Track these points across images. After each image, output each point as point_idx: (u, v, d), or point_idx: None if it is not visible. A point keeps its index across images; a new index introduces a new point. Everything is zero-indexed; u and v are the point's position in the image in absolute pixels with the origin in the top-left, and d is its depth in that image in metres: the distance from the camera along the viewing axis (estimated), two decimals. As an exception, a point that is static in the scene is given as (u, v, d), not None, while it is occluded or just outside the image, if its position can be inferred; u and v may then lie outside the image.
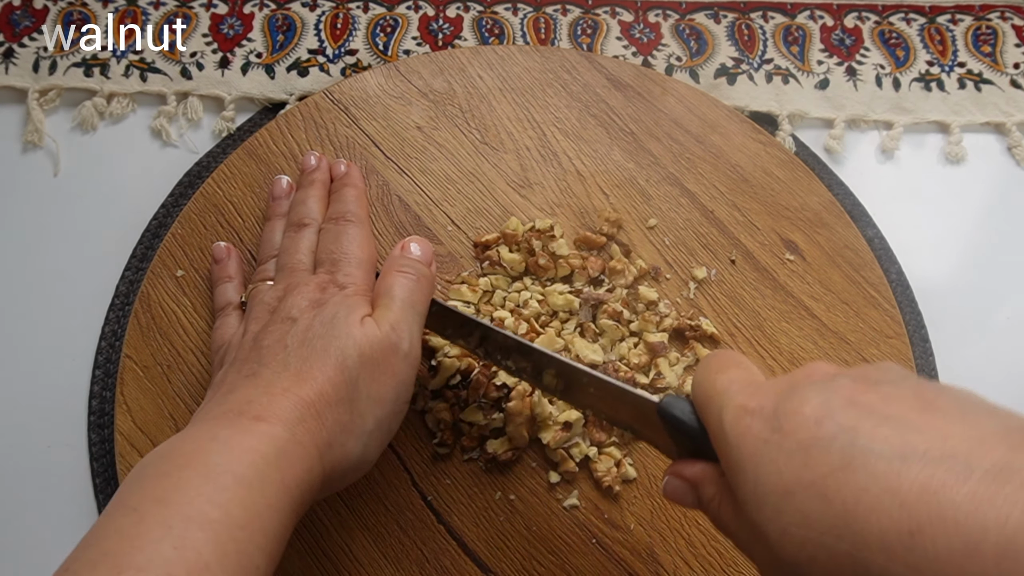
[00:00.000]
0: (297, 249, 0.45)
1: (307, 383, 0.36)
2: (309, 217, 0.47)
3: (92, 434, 0.48)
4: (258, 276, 0.46)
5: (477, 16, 0.62)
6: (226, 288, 0.47)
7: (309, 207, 0.47)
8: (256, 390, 0.36)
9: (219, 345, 0.44)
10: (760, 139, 0.55)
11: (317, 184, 0.49)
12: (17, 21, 0.60)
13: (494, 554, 0.44)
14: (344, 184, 0.49)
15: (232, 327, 0.45)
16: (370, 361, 0.38)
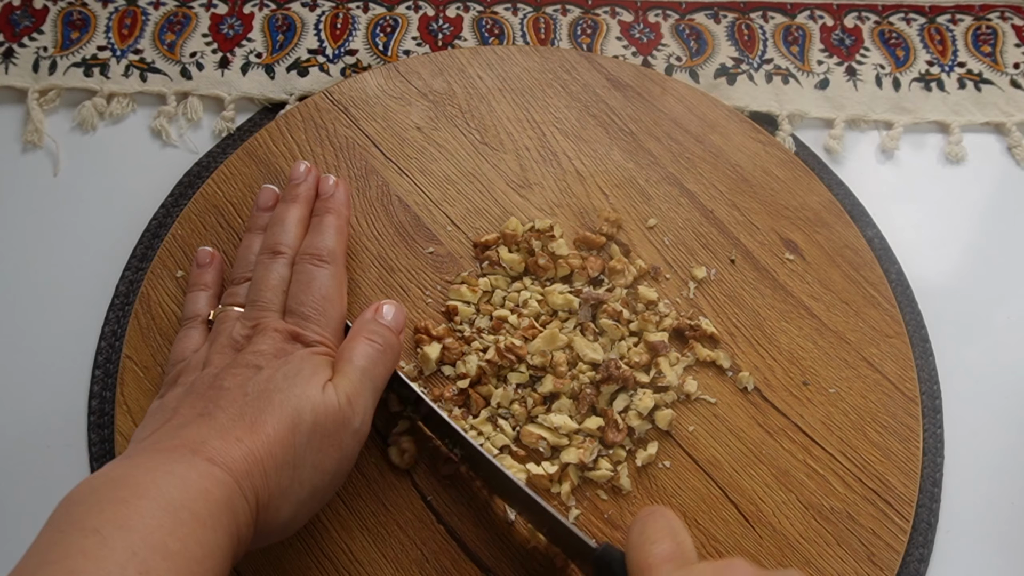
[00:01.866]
0: (268, 285, 0.44)
1: (258, 436, 0.36)
2: (284, 244, 0.45)
3: (92, 434, 0.48)
4: (229, 299, 0.45)
5: (477, 16, 0.62)
6: (198, 297, 0.47)
7: (287, 229, 0.46)
8: (210, 431, 0.36)
9: (178, 358, 0.44)
10: (760, 139, 0.55)
11: (300, 201, 0.47)
12: (17, 21, 0.60)
13: (494, 554, 0.44)
14: (327, 210, 0.47)
15: (195, 342, 0.44)
16: (321, 430, 0.38)
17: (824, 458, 0.46)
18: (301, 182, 0.48)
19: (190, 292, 0.47)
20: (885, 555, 0.44)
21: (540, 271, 0.49)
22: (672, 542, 0.35)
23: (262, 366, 0.40)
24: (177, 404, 0.39)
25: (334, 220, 0.47)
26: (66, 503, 0.33)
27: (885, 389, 0.48)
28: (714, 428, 0.47)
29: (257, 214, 0.48)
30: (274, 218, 0.47)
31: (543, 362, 0.46)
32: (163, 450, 0.35)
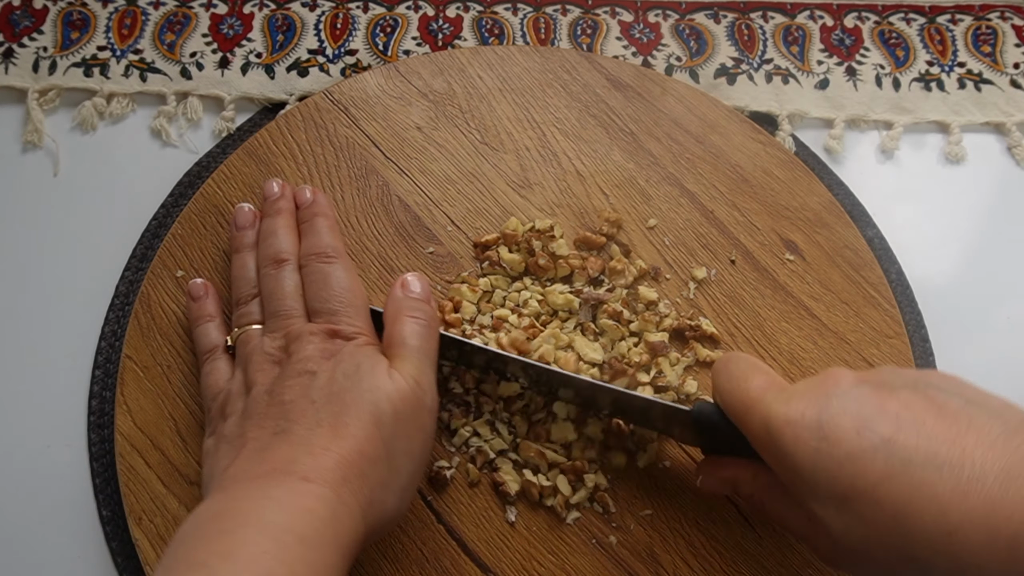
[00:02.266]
0: (283, 293, 0.44)
1: (345, 440, 0.36)
2: (285, 252, 0.45)
3: (92, 434, 0.48)
4: (243, 319, 0.45)
5: (477, 16, 0.62)
6: (208, 329, 0.46)
7: (281, 240, 0.46)
8: (294, 448, 0.36)
9: (214, 392, 0.43)
10: (760, 139, 0.55)
11: (284, 213, 0.47)
12: (17, 21, 0.60)
13: (494, 554, 0.44)
14: (314, 214, 0.47)
15: (224, 373, 0.43)
16: (402, 417, 0.38)
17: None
18: (279, 196, 0.48)
19: (197, 327, 0.46)
20: (885, 555, 0.44)
21: (540, 271, 0.49)
22: (762, 374, 0.37)
23: (315, 371, 0.39)
24: (241, 431, 0.39)
25: (324, 220, 0.47)
26: (172, 544, 0.33)
27: (885, 389, 0.48)
28: (714, 428, 0.47)
29: (239, 234, 0.48)
30: (264, 232, 0.47)
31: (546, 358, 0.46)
32: (256, 477, 0.35)
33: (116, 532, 0.46)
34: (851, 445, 0.32)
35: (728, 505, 0.45)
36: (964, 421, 0.32)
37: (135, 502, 0.44)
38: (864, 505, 0.32)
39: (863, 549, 0.32)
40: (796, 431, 0.33)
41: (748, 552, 0.44)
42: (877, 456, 0.31)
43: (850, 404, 0.33)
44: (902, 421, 0.32)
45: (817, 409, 0.33)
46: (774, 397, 0.35)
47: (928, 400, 0.33)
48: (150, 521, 0.44)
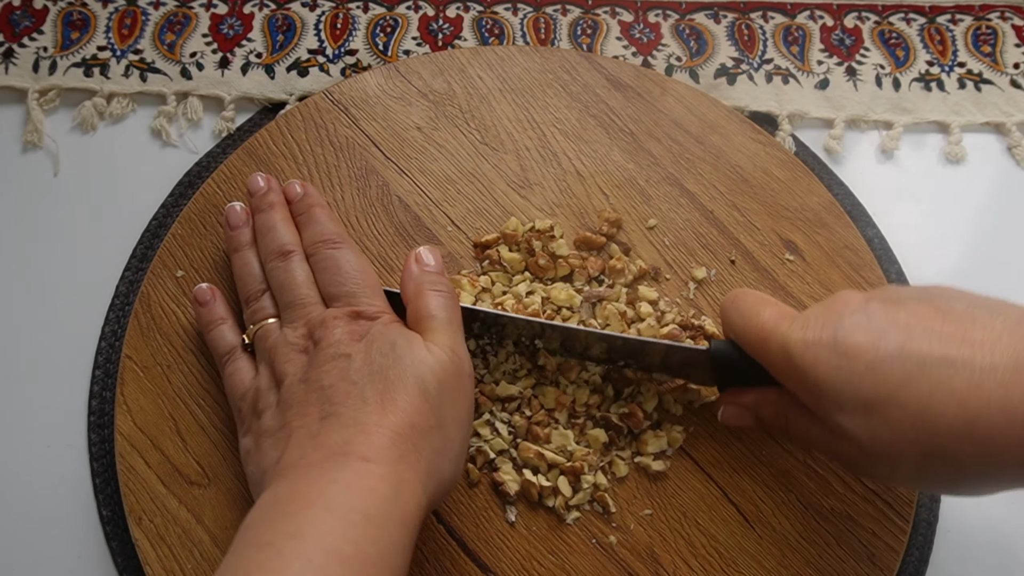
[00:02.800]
0: (296, 283, 0.43)
1: (395, 415, 0.36)
2: (289, 243, 0.45)
3: (92, 434, 0.48)
4: (257, 315, 0.44)
5: (477, 16, 0.62)
6: (223, 331, 0.45)
7: (282, 232, 0.45)
8: (347, 430, 0.36)
9: (241, 392, 0.42)
10: (760, 139, 0.55)
11: (278, 206, 0.47)
12: (17, 21, 0.60)
13: (494, 554, 0.44)
14: (310, 205, 0.47)
15: (248, 372, 0.43)
16: (446, 386, 0.38)
17: (824, 458, 0.46)
18: (268, 190, 0.47)
19: (210, 331, 0.45)
20: (885, 555, 0.44)
21: (540, 271, 0.49)
22: (771, 306, 0.39)
23: (349, 353, 0.39)
24: (283, 422, 0.38)
25: (321, 210, 0.47)
26: (240, 531, 0.33)
27: (885, 389, 0.48)
28: (714, 428, 0.47)
29: (235, 233, 0.47)
30: (262, 228, 0.46)
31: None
32: (315, 463, 0.35)
33: (116, 532, 0.46)
34: (869, 357, 0.34)
35: (728, 505, 0.45)
36: (969, 321, 0.34)
37: (135, 502, 0.44)
38: (888, 410, 0.33)
39: (891, 452, 0.34)
40: (815, 352, 0.35)
41: (748, 552, 0.44)
42: (895, 363, 0.33)
43: (862, 320, 0.35)
44: (913, 329, 0.34)
45: (832, 329, 0.35)
46: (789, 325, 0.37)
47: (934, 307, 0.35)
48: (150, 521, 0.44)
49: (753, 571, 0.44)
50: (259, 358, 0.43)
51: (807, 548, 0.44)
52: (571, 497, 0.44)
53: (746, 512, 0.45)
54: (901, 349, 0.34)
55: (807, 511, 0.45)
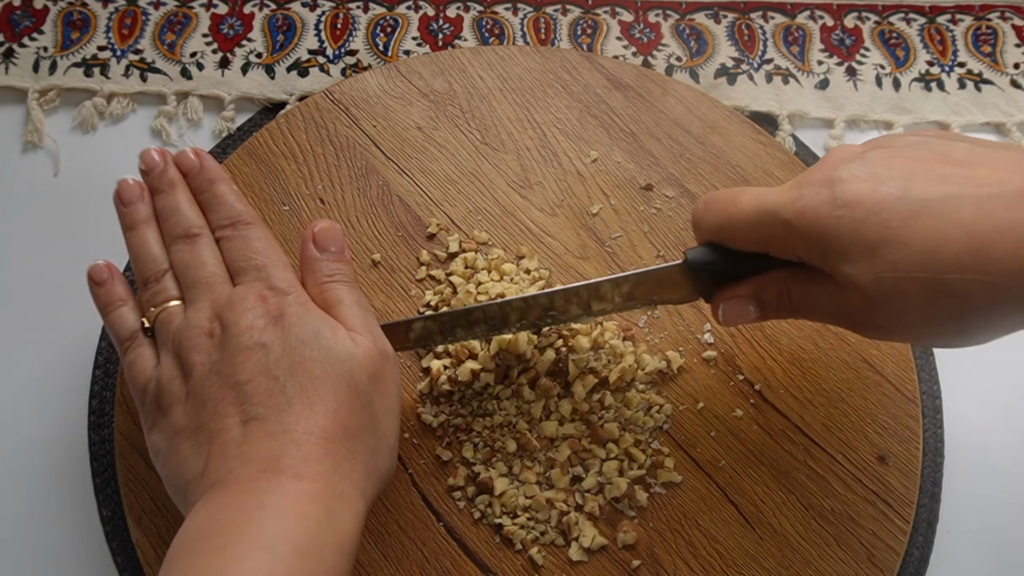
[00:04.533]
0: (203, 262, 0.40)
1: (325, 417, 0.35)
2: (196, 225, 0.41)
3: (92, 434, 0.48)
4: (157, 297, 0.40)
5: (477, 16, 0.62)
6: (123, 314, 0.41)
7: (186, 214, 0.41)
8: (275, 440, 0.34)
9: (143, 382, 0.38)
10: (760, 139, 0.55)
11: (179, 185, 0.43)
12: (17, 21, 0.60)
13: (494, 554, 0.44)
14: (211, 181, 0.43)
15: (150, 359, 0.39)
16: (375, 378, 0.37)
17: (824, 459, 0.46)
18: (164, 166, 0.43)
19: (108, 314, 0.41)
20: (885, 556, 0.44)
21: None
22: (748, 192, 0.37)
23: (266, 343, 0.36)
24: (196, 421, 0.36)
25: (225, 187, 0.43)
26: (166, 563, 0.32)
27: (885, 390, 0.48)
28: (714, 429, 0.47)
29: (129, 210, 0.42)
30: (165, 210, 0.42)
31: None
32: (243, 480, 0.33)
33: (116, 532, 0.46)
34: (870, 201, 0.32)
35: (728, 505, 0.45)
36: (972, 160, 0.33)
37: (135, 502, 0.44)
38: (893, 249, 0.32)
39: (898, 296, 0.33)
40: (815, 211, 0.33)
41: (748, 552, 0.44)
42: (897, 204, 0.32)
43: (859, 169, 0.34)
44: (914, 172, 0.33)
45: (828, 184, 0.34)
46: (775, 197, 0.35)
47: (933, 151, 0.33)
48: (150, 521, 0.44)
49: (753, 571, 0.44)
50: (160, 344, 0.39)
51: (807, 548, 0.44)
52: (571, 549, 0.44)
53: (746, 512, 0.45)
54: (903, 191, 0.32)
55: (807, 511, 0.45)
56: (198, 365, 0.37)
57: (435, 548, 0.44)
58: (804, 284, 0.37)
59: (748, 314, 0.40)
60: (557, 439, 0.45)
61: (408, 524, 0.44)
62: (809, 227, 0.34)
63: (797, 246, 0.35)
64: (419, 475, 0.45)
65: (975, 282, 0.31)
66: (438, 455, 0.46)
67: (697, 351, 0.49)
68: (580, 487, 0.45)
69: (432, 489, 0.45)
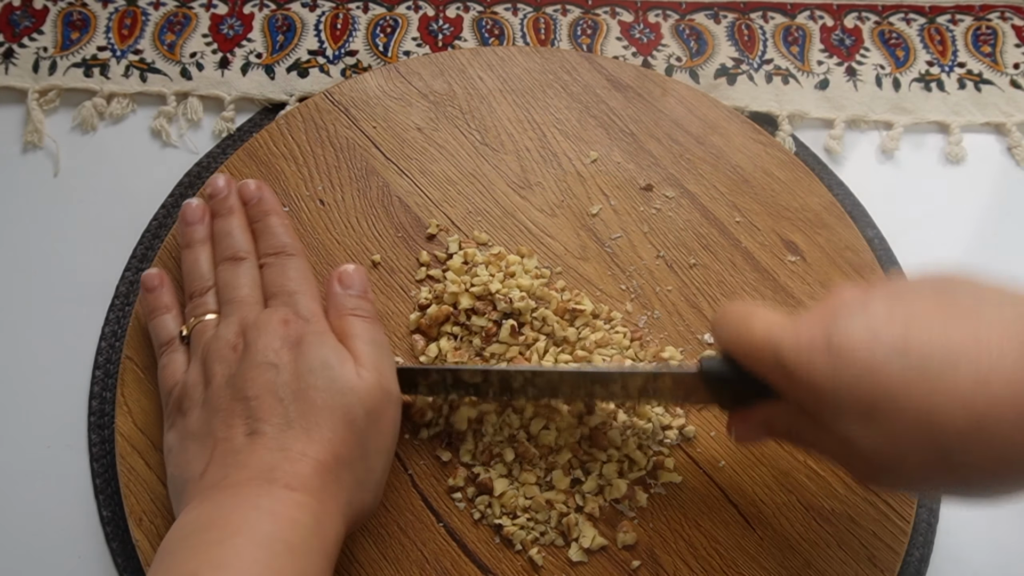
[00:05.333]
0: (240, 283, 0.44)
1: (320, 444, 0.37)
2: (243, 250, 0.45)
3: (92, 434, 0.48)
4: (198, 310, 0.44)
5: (477, 16, 0.62)
6: (164, 320, 0.45)
7: (237, 239, 0.46)
8: (271, 453, 0.36)
9: (171, 384, 0.42)
10: (760, 140, 0.55)
11: (237, 212, 0.47)
12: (17, 21, 0.60)
13: (494, 555, 0.44)
14: (265, 212, 0.47)
15: (181, 365, 0.43)
16: (373, 415, 0.39)
17: (827, 463, 0.46)
18: (227, 194, 0.48)
19: (153, 319, 0.46)
20: (886, 556, 0.44)
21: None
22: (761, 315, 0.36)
23: (277, 364, 0.39)
24: (208, 428, 0.38)
25: (277, 219, 0.47)
26: (159, 556, 0.33)
27: (885, 390, 0.48)
28: (714, 429, 0.47)
29: (189, 229, 0.47)
30: (220, 232, 0.47)
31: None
32: (237, 485, 0.35)
33: (116, 532, 0.46)
34: (864, 358, 0.31)
35: (728, 505, 0.45)
36: (975, 315, 0.31)
37: (135, 503, 0.44)
38: (887, 415, 0.31)
39: (897, 460, 0.32)
40: (809, 358, 0.33)
41: (748, 553, 0.44)
42: (892, 364, 0.31)
43: (857, 319, 0.32)
44: (912, 325, 0.31)
45: (825, 331, 0.33)
46: (781, 332, 0.34)
47: (937, 301, 0.32)
48: (150, 522, 0.44)
49: (753, 572, 0.44)
50: (192, 352, 0.43)
51: (808, 549, 0.44)
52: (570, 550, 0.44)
53: (747, 513, 0.45)
54: (898, 349, 0.31)
55: (808, 512, 0.45)
56: (218, 375, 0.39)
57: (435, 548, 0.44)
58: (812, 425, 0.35)
59: (760, 438, 0.40)
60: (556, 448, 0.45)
61: (408, 525, 0.44)
62: (806, 379, 0.33)
63: (791, 390, 0.34)
64: (419, 476, 0.45)
65: (977, 452, 0.30)
66: (438, 455, 0.46)
67: (697, 351, 0.49)
68: (580, 489, 0.45)
69: (432, 490, 0.45)
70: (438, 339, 0.47)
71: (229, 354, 0.40)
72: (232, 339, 0.41)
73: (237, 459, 0.36)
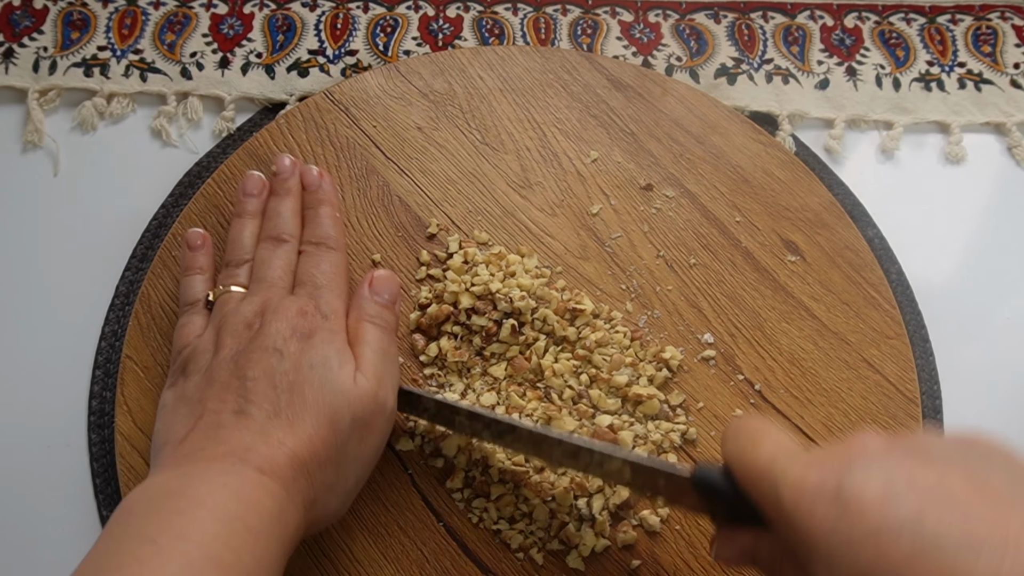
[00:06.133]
0: (275, 264, 0.44)
1: (300, 437, 0.36)
2: (287, 233, 0.46)
3: (92, 434, 0.48)
4: (228, 279, 0.45)
5: (477, 16, 0.62)
6: (195, 281, 0.46)
7: (286, 220, 0.46)
8: (251, 435, 0.36)
9: (183, 344, 0.43)
10: (760, 139, 0.55)
11: (293, 194, 0.48)
12: (17, 21, 0.60)
13: (494, 555, 0.44)
14: (320, 201, 0.48)
15: (198, 327, 0.43)
16: (359, 422, 0.38)
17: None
18: (290, 175, 0.48)
19: (185, 276, 0.46)
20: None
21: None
22: (772, 439, 0.34)
23: (283, 351, 0.39)
24: (201, 395, 0.38)
25: (329, 210, 0.47)
26: (121, 513, 0.33)
27: (885, 390, 0.48)
28: (714, 429, 0.47)
29: (245, 199, 0.48)
30: (271, 211, 0.47)
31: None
32: (211, 458, 0.35)
33: (116, 532, 0.46)
34: (874, 520, 0.28)
35: (728, 505, 0.45)
36: (1008, 500, 0.28)
37: (135, 502, 0.44)
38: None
39: None
40: (813, 501, 0.30)
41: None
42: (903, 534, 0.27)
43: (875, 473, 0.29)
44: (935, 496, 0.28)
45: (837, 477, 0.30)
46: (787, 464, 0.32)
47: (968, 474, 0.29)
48: (150, 521, 0.44)
49: (753, 572, 0.44)
50: (211, 319, 0.43)
51: (807, 548, 0.44)
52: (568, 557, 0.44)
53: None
54: (914, 519, 0.27)
55: (807, 511, 0.45)
56: (226, 348, 0.40)
57: (435, 548, 0.44)
58: (796, 569, 0.33)
59: (740, 562, 0.37)
60: None
61: (408, 524, 0.44)
62: (803, 523, 0.30)
63: (784, 527, 0.31)
64: (419, 475, 0.45)
65: None
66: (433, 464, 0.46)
67: (697, 351, 0.49)
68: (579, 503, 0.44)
69: (432, 489, 0.45)
70: (438, 338, 0.47)
71: (243, 331, 0.41)
72: (250, 317, 0.41)
73: (219, 434, 0.36)
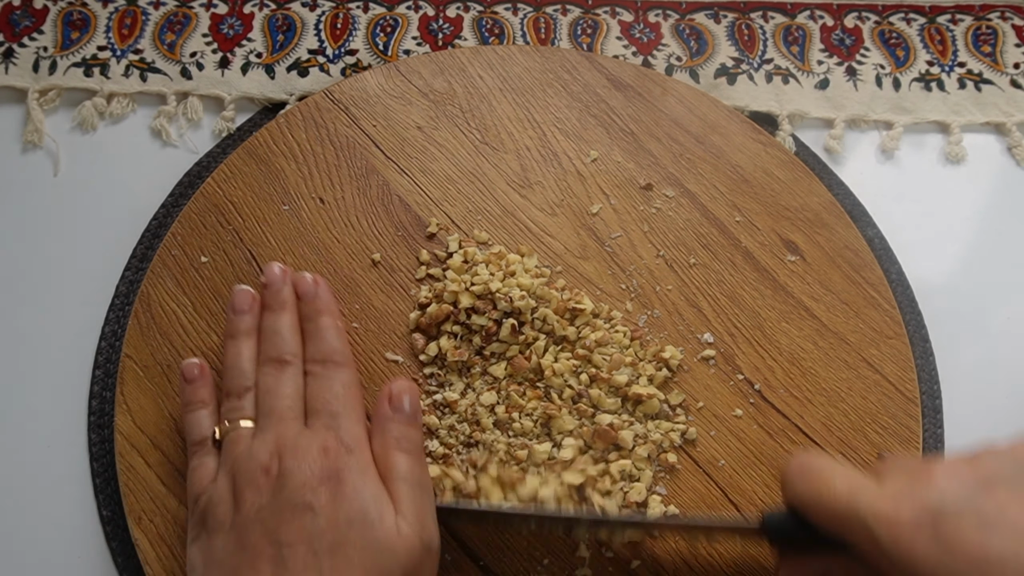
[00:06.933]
0: (282, 393, 0.41)
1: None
2: (290, 353, 0.43)
3: (92, 434, 0.48)
4: (233, 413, 0.41)
5: (477, 16, 0.62)
6: (199, 417, 0.43)
7: (286, 339, 0.43)
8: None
9: (198, 492, 0.40)
10: (760, 139, 0.55)
11: (288, 307, 0.44)
12: (17, 21, 0.60)
13: (495, 555, 0.44)
14: (319, 311, 0.44)
15: (211, 471, 0.40)
16: (410, 573, 0.36)
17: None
18: (282, 286, 0.45)
19: (188, 413, 0.43)
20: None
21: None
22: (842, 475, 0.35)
23: (314, 506, 0.36)
24: (235, 563, 0.36)
25: (330, 320, 0.44)
26: None
27: (885, 390, 0.48)
28: (714, 428, 0.47)
29: (236, 318, 0.44)
30: (267, 330, 0.44)
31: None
32: None
33: (116, 532, 0.46)
34: (976, 552, 0.31)
35: (728, 505, 0.45)
36: None
37: (135, 502, 0.44)
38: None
39: None
40: (912, 538, 0.32)
41: (749, 553, 0.44)
42: (1006, 566, 0.30)
43: (967, 506, 0.32)
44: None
45: (930, 510, 0.32)
46: (870, 500, 0.34)
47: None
48: (150, 521, 0.44)
49: (753, 572, 0.44)
50: (222, 462, 0.40)
51: (807, 548, 0.44)
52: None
53: (746, 512, 0.45)
54: (1016, 551, 0.30)
55: (807, 511, 0.45)
56: (248, 502, 0.37)
57: (435, 548, 0.44)
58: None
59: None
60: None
61: None
62: (904, 552, 0.32)
63: (882, 562, 0.33)
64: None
65: None
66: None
67: (696, 350, 0.49)
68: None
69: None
70: (438, 338, 0.47)
71: (261, 479, 0.38)
72: (266, 460, 0.38)
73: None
